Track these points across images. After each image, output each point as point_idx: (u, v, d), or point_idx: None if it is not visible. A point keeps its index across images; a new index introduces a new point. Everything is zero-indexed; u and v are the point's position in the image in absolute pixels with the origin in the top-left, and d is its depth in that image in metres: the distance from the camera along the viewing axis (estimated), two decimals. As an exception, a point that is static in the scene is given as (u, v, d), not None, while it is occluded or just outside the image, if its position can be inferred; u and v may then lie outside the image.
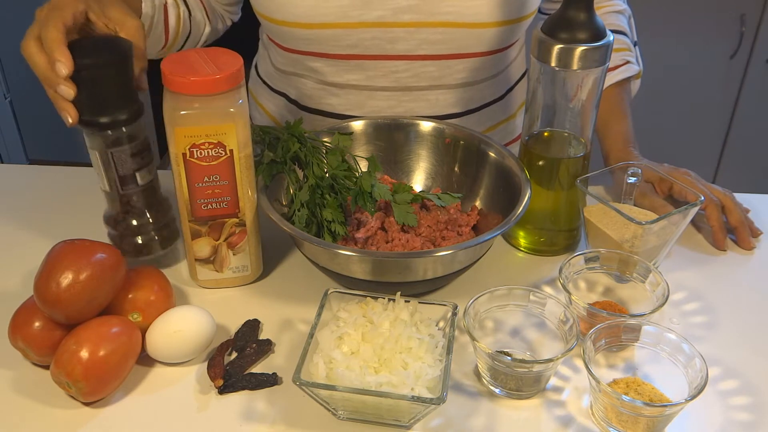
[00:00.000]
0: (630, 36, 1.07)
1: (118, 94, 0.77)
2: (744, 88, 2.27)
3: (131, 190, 0.81)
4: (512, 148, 1.13)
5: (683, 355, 0.69)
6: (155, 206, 0.84)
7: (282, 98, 1.08)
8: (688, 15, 2.15)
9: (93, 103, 0.76)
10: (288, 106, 1.08)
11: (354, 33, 0.93)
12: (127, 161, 0.79)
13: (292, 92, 1.06)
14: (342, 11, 0.91)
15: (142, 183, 0.81)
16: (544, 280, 0.87)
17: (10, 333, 0.73)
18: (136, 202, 0.82)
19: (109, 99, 0.76)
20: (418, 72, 0.97)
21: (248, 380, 0.72)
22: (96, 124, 0.77)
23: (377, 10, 0.91)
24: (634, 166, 0.88)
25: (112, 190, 0.81)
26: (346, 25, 0.92)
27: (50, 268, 0.70)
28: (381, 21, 0.92)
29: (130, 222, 0.83)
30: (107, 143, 0.78)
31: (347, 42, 0.94)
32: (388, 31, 0.93)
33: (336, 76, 0.99)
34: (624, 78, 1.05)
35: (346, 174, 0.85)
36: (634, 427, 0.66)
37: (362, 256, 0.76)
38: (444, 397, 0.64)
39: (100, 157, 0.79)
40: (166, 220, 0.86)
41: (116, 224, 0.84)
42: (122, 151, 0.79)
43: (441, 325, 0.73)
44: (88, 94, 0.75)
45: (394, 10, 0.91)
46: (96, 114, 0.76)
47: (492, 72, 1.02)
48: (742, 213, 0.93)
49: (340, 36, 0.93)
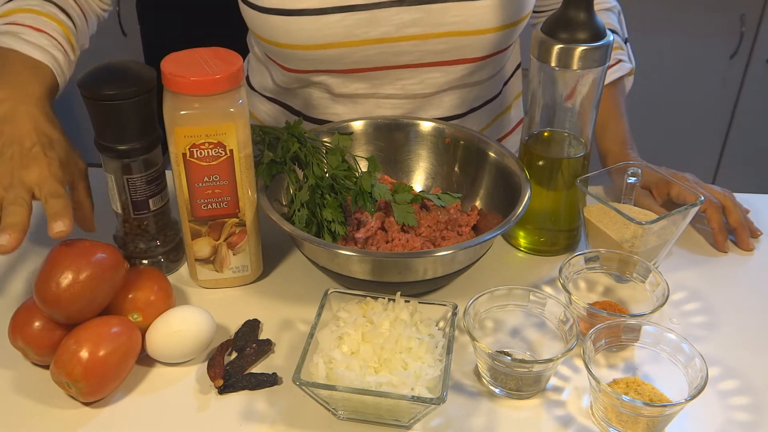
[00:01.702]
0: (621, 33, 1.07)
1: (138, 123, 0.78)
2: (744, 88, 2.26)
3: (143, 215, 0.82)
4: (507, 141, 1.13)
5: (683, 355, 0.69)
6: (164, 230, 0.85)
7: (282, 108, 1.07)
8: (688, 15, 2.15)
9: (113, 131, 0.77)
10: (287, 114, 1.06)
11: (359, 50, 0.92)
12: (142, 187, 0.80)
13: (297, 103, 1.05)
14: (347, 31, 0.90)
15: (154, 208, 0.82)
16: (544, 280, 0.87)
17: (10, 333, 0.73)
18: (147, 226, 0.83)
19: (129, 128, 0.77)
20: (424, 79, 0.97)
21: (248, 380, 0.72)
22: (113, 151, 0.78)
23: (382, 27, 0.90)
24: (634, 167, 0.88)
25: (124, 214, 0.82)
26: (351, 43, 0.91)
27: (50, 268, 0.70)
28: (386, 37, 0.91)
29: (138, 245, 0.84)
30: (123, 169, 0.79)
31: (353, 59, 0.93)
32: (394, 45, 0.92)
33: (342, 87, 0.98)
34: (617, 77, 1.05)
35: (346, 174, 0.85)
36: (634, 427, 0.66)
37: (362, 256, 0.76)
38: (444, 397, 0.64)
39: (116, 182, 0.80)
40: (174, 243, 0.86)
41: (125, 245, 0.84)
42: (137, 177, 0.80)
43: (441, 325, 0.73)
44: (109, 122, 0.77)
45: (399, 25, 0.90)
46: (114, 141, 0.78)
47: (493, 71, 1.03)
48: (741, 214, 0.93)
49: (346, 54, 0.92)
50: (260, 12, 0.91)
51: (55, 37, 0.88)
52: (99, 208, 0.83)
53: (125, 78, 0.77)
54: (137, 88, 0.76)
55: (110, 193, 0.82)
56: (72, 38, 0.91)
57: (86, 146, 0.79)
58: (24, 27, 0.87)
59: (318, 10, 0.88)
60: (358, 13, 0.89)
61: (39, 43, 0.86)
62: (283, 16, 0.89)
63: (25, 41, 0.85)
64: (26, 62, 0.84)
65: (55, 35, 0.88)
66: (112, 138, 0.78)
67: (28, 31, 0.86)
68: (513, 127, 1.15)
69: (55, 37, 0.88)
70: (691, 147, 2.36)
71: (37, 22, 0.88)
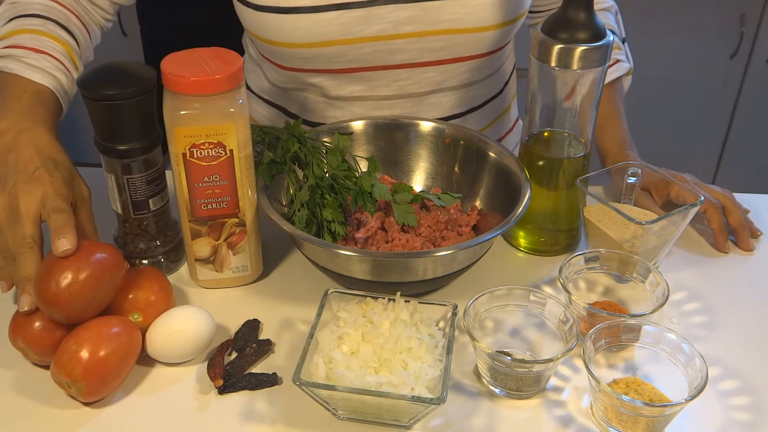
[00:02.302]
0: (618, 34, 1.08)
1: (138, 123, 0.78)
2: (744, 88, 2.26)
3: (143, 215, 0.82)
4: (505, 141, 1.13)
5: (683, 355, 0.69)
6: (164, 230, 0.85)
7: (280, 111, 1.07)
8: (688, 15, 2.15)
9: (113, 131, 0.77)
10: (284, 118, 1.06)
11: (355, 48, 0.92)
12: (142, 187, 0.80)
13: (293, 107, 1.05)
14: (343, 28, 0.90)
15: (154, 208, 0.82)
16: (544, 280, 0.87)
17: (10, 333, 0.73)
18: (147, 226, 0.83)
19: (129, 128, 0.77)
20: (420, 78, 0.97)
21: (248, 380, 0.72)
22: (113, 151, 0.78)
23: (378, 24, 0.90)
24: (634, 167, 0.88)
25: (124, 214, 0.82)
26: (346, 41, 0.91)
27: (50, 268, 0.70)
28: (382, 34, 0.91)
29: (138, 245, 0.84)
30: (123, 169, 0.79)
31: (348, 57, 0.93)
32: (390, 43, 0.92)
33: (338, 89, 0.98)
34: (616, 77, 1.05)
35: (346, 174, 0.85)
36: (634, 427, 0.66)
37: (362, 256, 0.76)
38: (444, 397, 0.64)
39: (115, 182, 0.80)
40: (174, 243, 0.86)
41: (125, 245, 0.84)
42: (137, 177, 0.80)
43: (441, 325, 0.73)
44: (109, 122, 0.77)
45: (395, 22, 0.90)
46: (114, 141, 0.78)
47: (491, 71, 1.03)
48: (741, 214, 0.93)
49: (341, 52, 0.92)
50: (255, 10, 0.90)
51: (57, 57, 0.87)
52: (99, 208, 0.83)
53: (125, 78, 0.77)
54: (137, 88, 0.76)
55: (110, 193, 0.82)
56: (74, 56, 0.91)
57: (86, 146, 0.80)
58: (25, 50, 0.86)
59: (313, 7, 0.88)
60: (354, 11, 0.89)
61: (41, 65, 0.85)
62: (278, 14, 0.89)
63: (27, 65, 0.84)
64: (28, 87, 0.83)
65: (57, 56, 0.87)
66: (112, 138, 0.78)
67: (30, 53, 0.85)
68: (510, 127, 1.15)
69: (57, 57, 0.87)
70: (691, 147, 2.36)
71: (38, 43, 0.87)
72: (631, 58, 1.09)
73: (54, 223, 0.71)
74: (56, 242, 0.69)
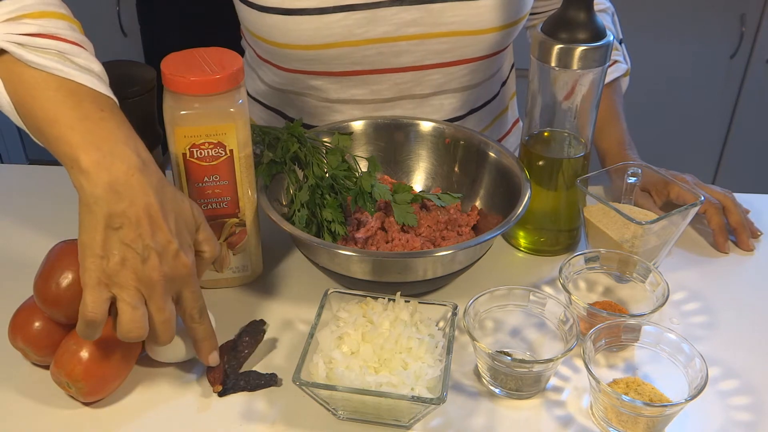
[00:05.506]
0: (615, 34, 1.08)
1: (138, 123, 0.77)
2: (744, 88, 2.26)
3: None
4: (505, 142, 1.13)
5: (683, 355, 0.69)
6: None
7: (278, 115, 1.07)
8: (688, 15, 2.15)
9: None
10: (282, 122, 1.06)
11: (358, 50, 0.91)
12: None
13: (291, 111, 1.04)
14: (347, 30, 0.89)
15: None
16: (544, 280, 0.87)
17: (10, 333, 0.73)
18: None
19: None
20: (423, 80, 0.97)
21: (247, 381, 0.72)
22: None
23: (382, 26, 0.90)
24: (634, 167, 0.88)
25: None
26: (350, 43, 0.90)
27: (50, 268, 0.70)
28: (386, 36, 0.91)
29: None
30: None
31: (351, 59, 0.92)
32: (393, 45, 0.92)
33: (339, 93, 0.97)
34: (613, 78, 1.05)
35: (346, 174, 0.85)
36: (634, 427, 0.66)
37: (362, 256, 0.76)
38: (444, 397, 0.64)
39: None
40: None
41: None
42: None
43: (441, 325, 0.73)
44: None
45: (398, 24, 0.90)
46: None
47: (492, 72, 1.03)
48: (742, 214, 0.93)
49: (344, 54, 0.92)
50: (259, 11, 0.90)
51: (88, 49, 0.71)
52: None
53: (125, 78, 0.77)
54: (137, 88, 0.76)
55: None
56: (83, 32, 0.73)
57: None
58: (67, 43, 0.68)
59: (318, 9, 0.88)
60: (358, 13, 0.89)
61: (92, 68, 0.69)
62: (283, 15, 0.89)
63: (81, 68, 0.67)
64: (98, 101, 0.67)
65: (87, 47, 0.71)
66: None
67: (74, 50, 0.68)
68: (510, 127, 1.15)
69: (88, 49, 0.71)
70: (691, 147, 2.36)
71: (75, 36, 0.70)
72: (628, 59, 1.09)
73: (199, 333, 0.70)
74: (207, 356, 0.71)
